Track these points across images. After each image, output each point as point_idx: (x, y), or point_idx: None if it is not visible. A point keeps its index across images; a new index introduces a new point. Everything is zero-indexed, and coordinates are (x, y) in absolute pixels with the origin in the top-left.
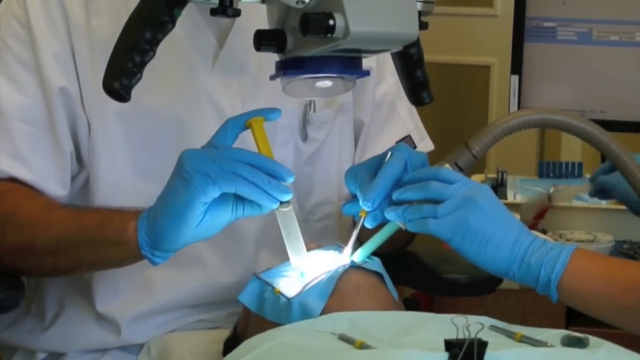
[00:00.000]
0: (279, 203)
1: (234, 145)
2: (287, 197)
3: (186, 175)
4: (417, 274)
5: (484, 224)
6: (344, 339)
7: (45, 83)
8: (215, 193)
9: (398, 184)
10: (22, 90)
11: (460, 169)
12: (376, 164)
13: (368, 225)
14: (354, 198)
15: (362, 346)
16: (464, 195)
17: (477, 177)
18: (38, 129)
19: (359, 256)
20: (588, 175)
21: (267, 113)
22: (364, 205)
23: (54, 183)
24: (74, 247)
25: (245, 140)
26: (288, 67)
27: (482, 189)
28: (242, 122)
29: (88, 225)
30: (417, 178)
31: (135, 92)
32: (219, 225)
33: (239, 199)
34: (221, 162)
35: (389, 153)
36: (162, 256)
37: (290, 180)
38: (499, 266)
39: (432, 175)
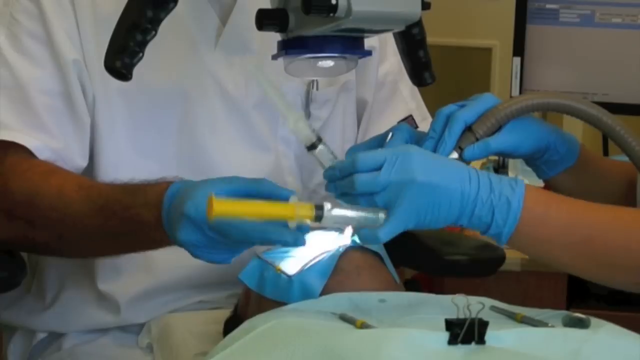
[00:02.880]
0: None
1: None
2: (303, 244)
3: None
4: (418, 255)
5: (431, 197)
6: (345, 319)
7: (59, 55)
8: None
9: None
10: (38, 63)
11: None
12: (376, 144)
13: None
14: None
15: (363, 326)
16: (399, 181)
17: (478, 160)
18: (57, 101)
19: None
20: None
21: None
22: None
23: (77, 153)
24: (100, 244)
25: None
26: (290, 47)
27: (411, 156)
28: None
29: (111, 227)
30: (338, 174)
31: (138, 70)
32: None
33: None
34: (230, 246)
35: (390, 133)
36: None
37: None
38: (450, 221)
39: (349, 168)
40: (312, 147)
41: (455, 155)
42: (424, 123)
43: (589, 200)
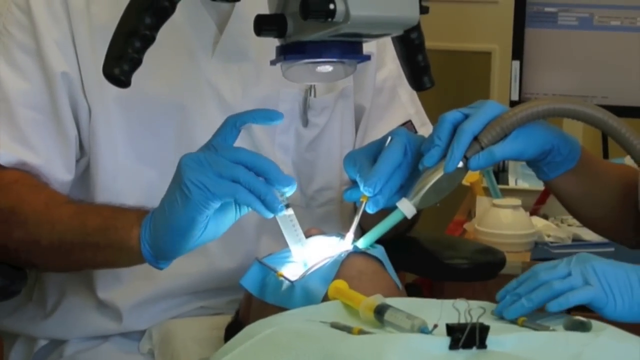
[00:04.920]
0: (273, 215)
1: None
2: (280, 213)
3: (185, 189)
4: (419, 259)
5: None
6: (338, 327)
7: (47, 68)
8: (216, 205)
9: (399, 168)
10: (25, 76)
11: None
12: (375, 149)
13: (369, 211)
14: (353, 184)
15: (361, 332)
16: (580, 260)
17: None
18: (42, 114)
19: (362, 244)
20: None
21: (269, 115)
22: (365, 191)
23: (61, 168)
24: (78, 248)
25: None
26: (289, 52)
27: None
28: (242, 122)
29: (91, 228)
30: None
31: (135, 78)
32: (224, 228)
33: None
34: (220, 169)
35: (389, 138)
36: (167, 263)
37: (290, 190)
38: None
39: (529, 274)
40: None
41: (460, 164)
42: (423, 129)
43: (587, 202)
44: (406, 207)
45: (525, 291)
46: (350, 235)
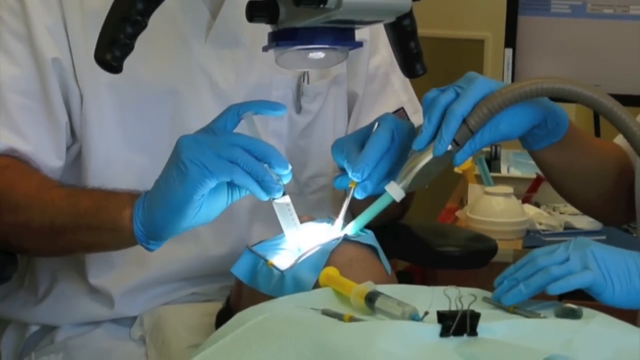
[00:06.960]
0: (269, 198)
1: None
2: (277, 195)
3: (182, 167)
4: (411, 247)
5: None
6: (329, 314)
7: (38, 54)
8: (212, 184)
9: (387, 153)
10: (16, 62)
11: (457, 144)
12: (362, 136)
13: (358, 196)
14: (343, 171)
15: (352, 319)
16: (578, 245)
17: None
18: (33, 100)
19: (352, 229)
20: None
21: (272, 106)
22: (353, 177)
23: (51, 154)
24: (69, 230)
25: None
26: (280, 39)
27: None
28: (244, 110)
29: (83, 210)
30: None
31: (127, 63)
32: (216, 212)
33: (235, 184)
34: (219, 149)
35: (376, 124)
36: (158, 244)
37: (286, 178)
38: None
39: (527, 259)
40: None
41: (449, 147)
42: (416, 116)
43: (570, 175)
44: (395, 191)
45: (523, 276)
46: (339, 221)
